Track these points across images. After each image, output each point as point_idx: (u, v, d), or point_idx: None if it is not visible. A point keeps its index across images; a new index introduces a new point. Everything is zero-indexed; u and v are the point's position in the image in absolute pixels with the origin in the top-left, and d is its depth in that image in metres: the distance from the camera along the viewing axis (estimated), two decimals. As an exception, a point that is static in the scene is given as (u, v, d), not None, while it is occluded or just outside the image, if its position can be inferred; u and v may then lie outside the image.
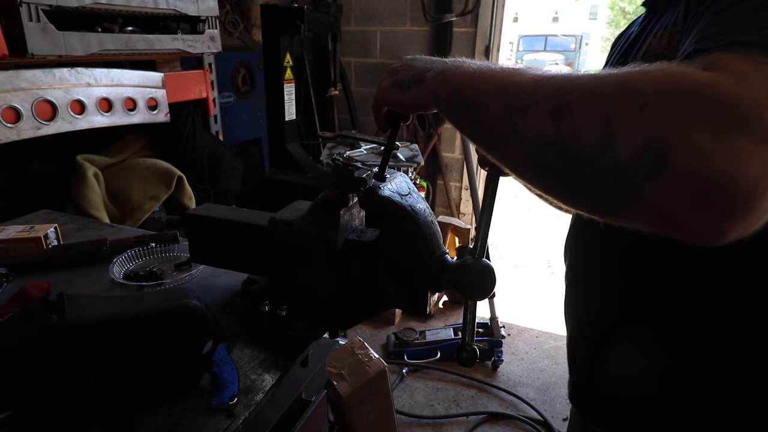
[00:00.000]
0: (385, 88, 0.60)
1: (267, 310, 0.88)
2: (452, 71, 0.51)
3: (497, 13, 3.16)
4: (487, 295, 0.67)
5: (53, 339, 0.64)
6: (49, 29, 1.50)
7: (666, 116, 0.35)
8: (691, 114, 0.35)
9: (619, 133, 0.37)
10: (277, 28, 2.60)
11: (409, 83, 0.56)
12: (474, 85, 0.48)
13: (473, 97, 0.48)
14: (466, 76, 0.49)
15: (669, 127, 0.35)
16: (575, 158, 0.40)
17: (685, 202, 0.36)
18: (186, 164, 2.22)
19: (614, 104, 0.37)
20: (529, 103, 0.42)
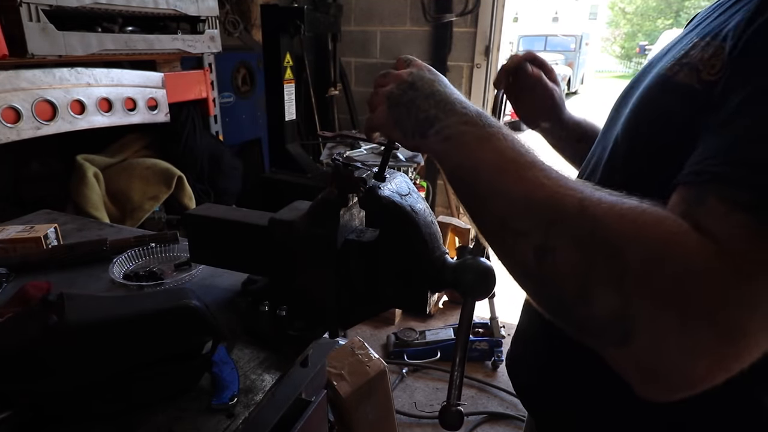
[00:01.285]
0: (384, 124, 0.56)
1: (267, 310, 0.88)
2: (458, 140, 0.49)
3: (497, 13, 3.16)
4: (487, 295, 0.67)
5: (53, 339, 0.64)
6: (49, 29, 1.50)
7: (639, 294, 0.36)
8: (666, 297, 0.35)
9: (593, 296, 0.38)
10: (277, 28, 2.60)
11: (413, 132, 0.53)
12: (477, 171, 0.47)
13: (473, 184, 0.47)
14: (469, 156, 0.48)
15: (640, 306, 0.36)
16: (553, 299, 0.42)
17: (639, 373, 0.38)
18: (186, 164, 2.22)
19: (595, 266, 0.38)
20: (519, 230, 0.43)
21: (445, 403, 0.57)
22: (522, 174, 0.44)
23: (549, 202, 0.42)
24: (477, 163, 0.47)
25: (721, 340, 0.34)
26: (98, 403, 0.69)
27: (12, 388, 0.65)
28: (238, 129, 2.92)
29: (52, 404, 0.67)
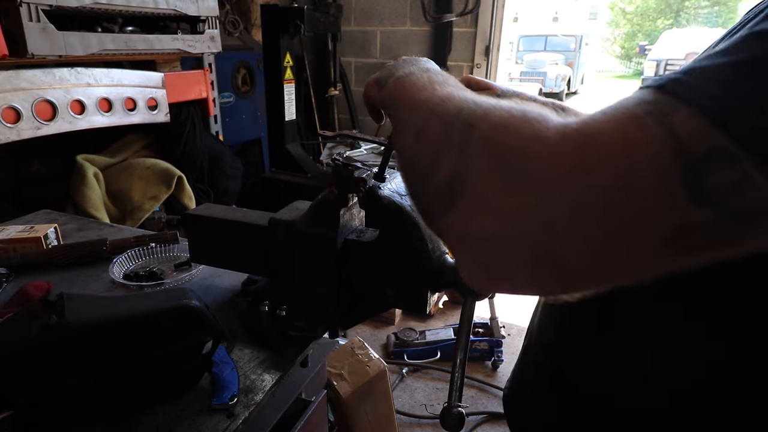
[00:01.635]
0: (370, 83, 0.60)
1: (267, 310, 0.88)
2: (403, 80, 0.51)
3: (497, 13, 3.16)
4: (487, 296, 0.67)
5: (53, 339, 0.64)
6: (49, 29, 1.50)
7: (475, 158, 0.34)
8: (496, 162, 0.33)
9: (438, 164, 0.37)
10: (277, 28, 2.60)
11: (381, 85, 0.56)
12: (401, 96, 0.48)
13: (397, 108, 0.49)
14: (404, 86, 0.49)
15: (471, 169, 0.34)
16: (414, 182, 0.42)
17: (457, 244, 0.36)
18: (186, 164, 2.22)
19: (448, 136, 0.37)
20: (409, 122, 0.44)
21: (447, 405, 0.57)
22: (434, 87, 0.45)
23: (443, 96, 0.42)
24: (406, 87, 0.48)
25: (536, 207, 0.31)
26: (98, 403, 0.69)
27: (12, 388, 0.65)
28: (238, 129, 2.92)
29: (52, 404, 0.67)
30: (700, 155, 0.27)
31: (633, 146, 0.28)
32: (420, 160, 0.40)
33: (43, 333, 0.64)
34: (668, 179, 0.27)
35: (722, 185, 0.27)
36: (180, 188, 2.13)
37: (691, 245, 0.29)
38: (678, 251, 0.29)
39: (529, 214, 0.31)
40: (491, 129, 0.34)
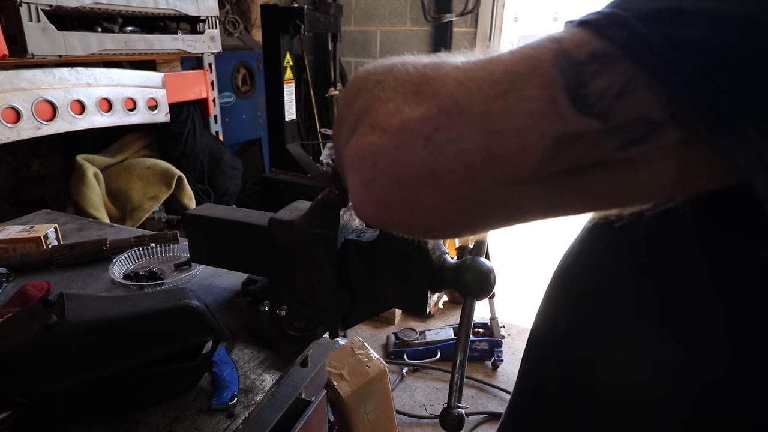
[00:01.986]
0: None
1: (267, 310, 0.88)
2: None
3: (497, 13, 3.16)
4: (487, 295, 0.67)
5: (53, 339, 0.64)
6: (49, 29, 1.50)
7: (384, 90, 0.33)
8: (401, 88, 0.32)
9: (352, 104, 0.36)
10: (277, 28, 2.60)
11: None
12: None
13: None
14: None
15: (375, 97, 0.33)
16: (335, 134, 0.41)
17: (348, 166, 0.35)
18: (186, 164, 2.22)
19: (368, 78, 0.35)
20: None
21: (446, 405, 0.57)
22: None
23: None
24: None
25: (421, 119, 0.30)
26: (98, 403, 0.69)
27: (12, 388, 0.65)
28: (238, 129, 2.92)
29: (52, 404, 0.67)
30: (582, 60, 0.26)
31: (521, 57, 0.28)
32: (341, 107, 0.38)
33: (43, 333, 0.64)
34: (549, 84, 0.26)
35: (604, 90, 0.25)
36: (180, 188, 2.13)
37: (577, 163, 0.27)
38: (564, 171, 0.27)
39: (413, 127, 0.30)
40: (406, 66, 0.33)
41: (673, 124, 0.25)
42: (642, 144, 0.25)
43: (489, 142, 0.27)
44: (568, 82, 0.26)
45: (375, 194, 0.33)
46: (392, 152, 0.31)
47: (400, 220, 0.34)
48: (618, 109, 0.25)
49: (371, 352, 1.74)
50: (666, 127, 0.25)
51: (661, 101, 0.24)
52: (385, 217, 0.34)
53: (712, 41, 0.24)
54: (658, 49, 0.24)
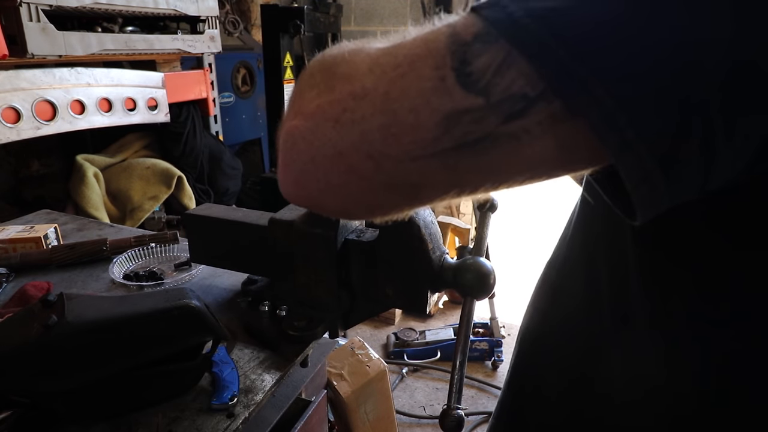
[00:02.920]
0: None
1: (267, 310, 0.88)
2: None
3: (497, 13, 3.16)
4: (487, 295, 0.67)
5: (53, 339, 0.64)
6: (49, 29, 1.50)
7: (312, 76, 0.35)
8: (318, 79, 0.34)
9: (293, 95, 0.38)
10: (277, 28, 2.60)
11: None
12: None
13: None
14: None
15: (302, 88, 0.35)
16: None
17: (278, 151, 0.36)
18: (186, 164, 2.22)
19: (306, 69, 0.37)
20: None
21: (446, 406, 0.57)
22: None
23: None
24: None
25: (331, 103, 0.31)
26: (98, 402, 0.69)
27: (12, 388, 0.65)
28: (238, 129, 2.92)
29: (52, 404, 0.67)
30: (468, 40, 0.28)
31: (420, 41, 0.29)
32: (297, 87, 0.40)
33: (43, 333, 0.64)
34: (441, 64, 0.28)
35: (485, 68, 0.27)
36: (180, 188, 2.13)
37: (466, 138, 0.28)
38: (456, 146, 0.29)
39: (325, 111, 0.31)
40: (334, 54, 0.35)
41: (545, 97, 0.26)
42: (521, 118, 0.27)
43: (387, 120, 0.29)
44: (455, 61, 0.27)
45: (292, 174, 0.35)
46: (307, 134, 0.33)
47: (315, 199, 0.36)
48: (497, 86, 0.27)
49: (371, 352, 1.74)
50: (540, 101, 0.26)
51: (533, 76, 0.26)
52: (301, 195, 0.36)
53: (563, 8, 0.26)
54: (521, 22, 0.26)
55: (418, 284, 0.72)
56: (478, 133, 0.28)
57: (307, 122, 0.33)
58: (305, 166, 0.33)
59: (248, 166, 3.07)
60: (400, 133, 0.29)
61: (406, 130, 0.29)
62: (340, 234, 0.76)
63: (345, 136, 0.31)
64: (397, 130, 0.29)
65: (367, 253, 0.76)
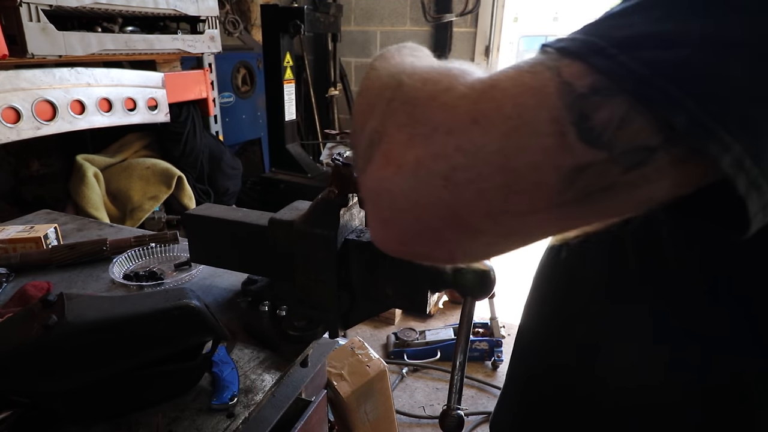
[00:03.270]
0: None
1: (267, 310, 0.88)
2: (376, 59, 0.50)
3: (497, 13, 3.16)
4: (487, 295, 0.67)
5: (53, 339, 0.64)
6: (49, 29, 1.50)
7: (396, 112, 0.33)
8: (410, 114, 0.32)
9: (368, 121, 0.36)
10: (277, 28, 2.60)
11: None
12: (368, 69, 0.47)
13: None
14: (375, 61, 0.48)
15: (389, 122, 0.33)
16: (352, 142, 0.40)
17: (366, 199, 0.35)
18: (186, 164, 2.22)
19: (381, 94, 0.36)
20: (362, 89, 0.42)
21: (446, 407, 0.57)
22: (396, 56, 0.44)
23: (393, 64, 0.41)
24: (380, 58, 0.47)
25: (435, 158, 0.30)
26: (98, 402, 0.69)
27: (12, 388, 0.65)
28: (238, 129, 2.92)
29: (52, 404, 0.67)
30: (584, 92, 0.27)
31: (525, 89, 0.28)
32: (356, 119, 0.39)
33: (43, 333, 0.64)
34: (558, 118, 0.27)
35: (606, 122, 0.27)
36: (180, 188, 2.13)
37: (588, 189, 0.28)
38: (576, 198, 0.28)
39: (430, 167, 0.30)
40: (414, 83, 0.34)
41: (666, 146, 0.27)
42: (641, 167, 0.27)
43: (507, 179, 0.28)
44: (574, 115, 0.27)
45: (394, 232, 0.33)
46: (409, 192, 0.31)
47: (420, 253, 0.34)
48: (620, 139, 0.27)
49: (371, 352, 1.74)
50: (661, 150, 0.27)
51: (655, 127, 0.26)
52: (404, 251, 0.35)
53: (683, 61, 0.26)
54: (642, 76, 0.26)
55: (418, 284, 0.72)
56: (599, 185, 0.28)
57: (408, 178, 0.30)
58: (411, 226, 0.32)
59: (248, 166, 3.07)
60: (522, 192, 0.28)
61: (528, 189, 0.28)
62: (340, 234, 0.76)
63: (459, 196, 0.29)
64: (519, 189, 0.28)
65: (367, 253, 0.76)
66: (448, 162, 0.29)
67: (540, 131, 0.27)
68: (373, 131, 0.34)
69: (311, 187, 2.67)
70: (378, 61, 0.45)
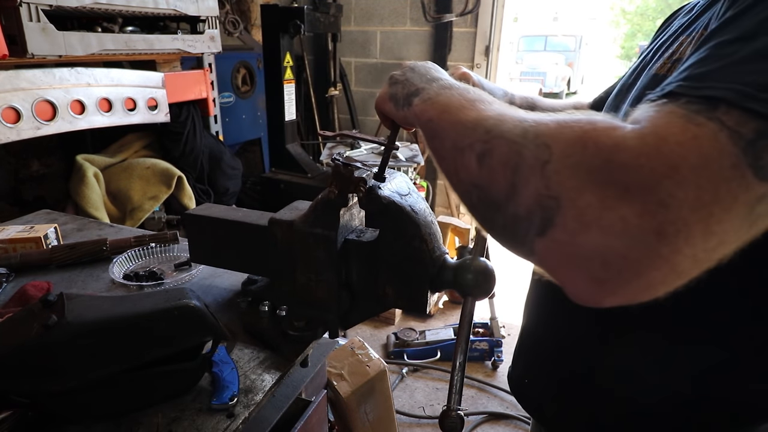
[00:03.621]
0: (383, 99, 0.63)
1: (267, 310, 0.88)
2: (433, 100, 0.53)
3: (497, 13, 3.16)
4: (487, 295, 0.67)
5: (53, 339, 0.64)
6: (49, 29, 1.50)
7: (562, 176, 0.36)
8: (585, 176, 0.35)
9: (520, 186, 0.38)
10: (277, 28, 2.60)
11: (402, 102, 0.59)
12: (440, 116, 0.50)
13: (437, 128, 0.50)
14: (439, 106, 0.51)
15: (561, 186, 0.35)
16: (489, 204, 0.42)
17: (563, 261, 0.37)
18: (186, 164, 2.22)
19: (523, 157, 0.38)
20: (466, 144, 0.44)
21: (446, 408, 0.57)
22: (480, 106, 0.47)
23: (494, 116, 0.44)
24: (444, 108, 0.50)
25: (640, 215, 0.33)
26: (98, 403, 0.69)
27: (12, 388, 0.65)
28: (238, 129, 2.92)
29: (52, 404, 0.67)
30: (752, 138, 0.32)
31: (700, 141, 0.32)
32: (494, 182, 0.41)
33: (43, 333, 0.64)
34: (737, 163, 0.32)
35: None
36: (180, 188, 2.13)
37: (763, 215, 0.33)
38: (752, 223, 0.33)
39: (641, 225, 0.33)
40: (568, 146, 0.36)
41: None
42: None
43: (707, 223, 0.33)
44: (749, 159, 0.32)
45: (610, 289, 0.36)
46: (624, 250, 0.33)
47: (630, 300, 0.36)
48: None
49: (371, 352, 1.74)
50: None
51: None
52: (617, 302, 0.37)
53: None
54: None
55: (418, 284, 0.72)
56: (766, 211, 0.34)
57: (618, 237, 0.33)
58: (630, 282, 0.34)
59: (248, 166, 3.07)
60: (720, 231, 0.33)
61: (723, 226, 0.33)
62: (340, 234, 0.76)
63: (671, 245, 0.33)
64: (716, 228, 0.33)
65: (367, 253, 0.75)
66: (655, 217, 0.32)
67: (726, 177, 0.32)
68: (542, 197, 0.37)
69: (311, 187, 2.67)
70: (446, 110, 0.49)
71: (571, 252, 0.36)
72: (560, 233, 0.36)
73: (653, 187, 0.32)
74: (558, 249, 0.36)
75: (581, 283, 0.37)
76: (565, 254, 0.36)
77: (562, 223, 0.35)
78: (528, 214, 0.38)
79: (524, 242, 0.39)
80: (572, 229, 0.35)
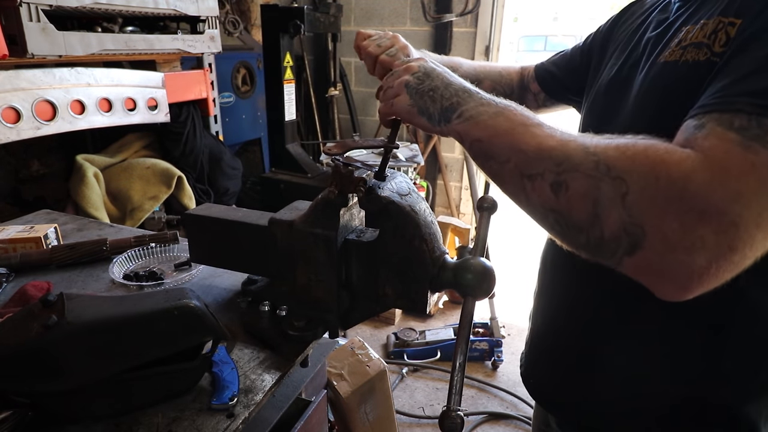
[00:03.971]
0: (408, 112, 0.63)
1: (267, 310, 0.88)
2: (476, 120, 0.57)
3: (497, 13, 3.16)
4: (487, 295, 0.67)
5: (53, 339, 0.64)
6: (49, 29, 1.50)
7: (642, 206, 0.44)
8: (665, 205, 0.43)
9: (604, 216, 0.46)
10: (277, 28, 2.60)
11: (439, 118, 0.61)
12: (492, 140, 0.56)
13: (492, 151, 0.56)
14: (487, 128, 0.56)
15: (643, 216, 0.44)
16: (571, 227, 0.49)
17: (653, 274, 0.46)
18: (186, 164, 2.22)
19: (601, 190, 0.46)
20: (535, 173, 0.51)
21: (446, 408, 0.57)
22: (532, 131, 0.53)
23: (557, 146, 0.50)
24: (494, 132, 0.56)
25: (716, 234, 0.41)
26: (98, 403, 0.69)
27: (12, 388, 0.65)
28: (238, 129, 2.92)
29: (52, 404, 0.67)
30: None
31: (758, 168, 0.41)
32: (574, 211, 0.48)
33: (43, 333, 0.64)
34: None
35: None
36: (180, 188, 2.12)
37: None
38: None
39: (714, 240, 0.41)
40: (641, 178, 0.44)
41: None
42: None
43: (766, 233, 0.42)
44: None
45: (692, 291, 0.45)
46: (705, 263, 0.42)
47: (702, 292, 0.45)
48: None
49: (371, 352, 1.74)
50: None
51: None
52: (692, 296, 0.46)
53: None
54: None
55: (418, 284, 0.72)
56: None
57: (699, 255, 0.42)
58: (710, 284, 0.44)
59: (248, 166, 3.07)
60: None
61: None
62: (340, 234, 0.76)
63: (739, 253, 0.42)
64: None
65: (367, 253, 0.75)
66: (728, 235, 0.41)
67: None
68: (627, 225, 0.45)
69: (311, 187, 2.67)
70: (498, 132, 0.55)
71: (661, 269, 0.44)
72: (649, 254, 0.44)
73: (725, 211, 0.41)
74: (648, 267, 0.45)
75: (670, 290, 0.45)
76: (655, 270, 0.45)
77: (650, 246, 0.44)
78: (614, 238, 0.45)
79: (611, 258, 0.47)
80: (660, 250, 0.43)
